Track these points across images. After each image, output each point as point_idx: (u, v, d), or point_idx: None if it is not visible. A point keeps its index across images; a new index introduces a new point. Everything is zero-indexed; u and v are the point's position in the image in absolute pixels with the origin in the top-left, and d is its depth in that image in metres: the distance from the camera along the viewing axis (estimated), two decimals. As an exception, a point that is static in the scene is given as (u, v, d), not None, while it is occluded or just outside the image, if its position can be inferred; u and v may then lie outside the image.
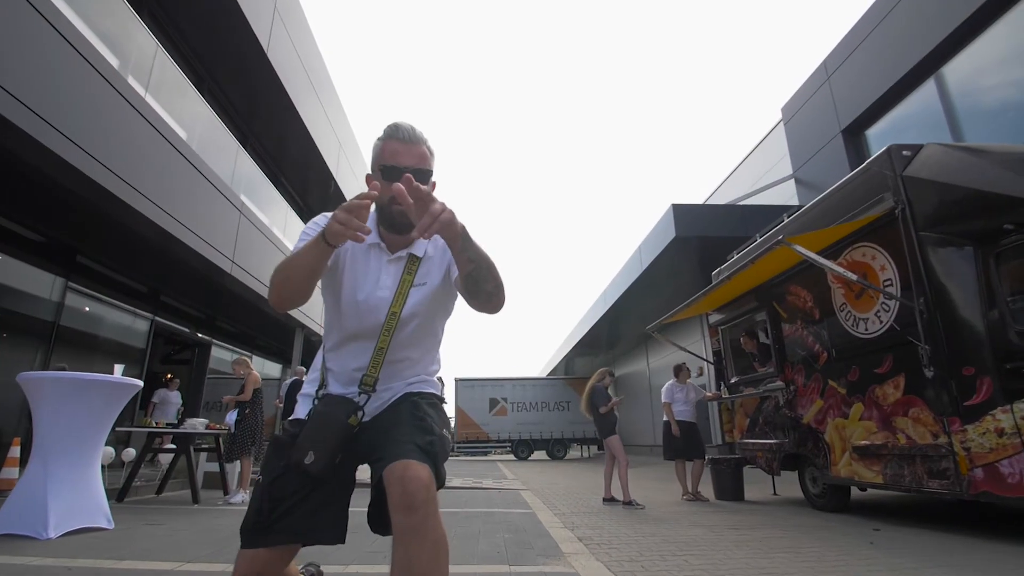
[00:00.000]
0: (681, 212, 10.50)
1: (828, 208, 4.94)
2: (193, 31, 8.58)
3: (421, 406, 1.33)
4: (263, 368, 14.60)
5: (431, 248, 1.42)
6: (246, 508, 1.27)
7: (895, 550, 3.43)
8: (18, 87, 4.42)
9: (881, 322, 4.34)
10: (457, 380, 22.83)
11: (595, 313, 18.15)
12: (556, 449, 22.19)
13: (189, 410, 9.82)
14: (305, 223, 2.62)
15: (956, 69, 7.60)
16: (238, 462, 6.01)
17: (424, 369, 1.47)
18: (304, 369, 9.55)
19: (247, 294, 9.16)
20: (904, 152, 4.23)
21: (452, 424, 24.40)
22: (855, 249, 4.62)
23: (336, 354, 1.41)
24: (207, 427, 6.16)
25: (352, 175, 14.26)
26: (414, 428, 1.25)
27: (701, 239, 10.49)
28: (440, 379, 1.60)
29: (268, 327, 12.37)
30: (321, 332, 12.40)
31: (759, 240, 6.19)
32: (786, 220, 5.66)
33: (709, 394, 6.85)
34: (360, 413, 1.31)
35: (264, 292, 9.20)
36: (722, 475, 6.42)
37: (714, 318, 7.21)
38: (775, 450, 5.78)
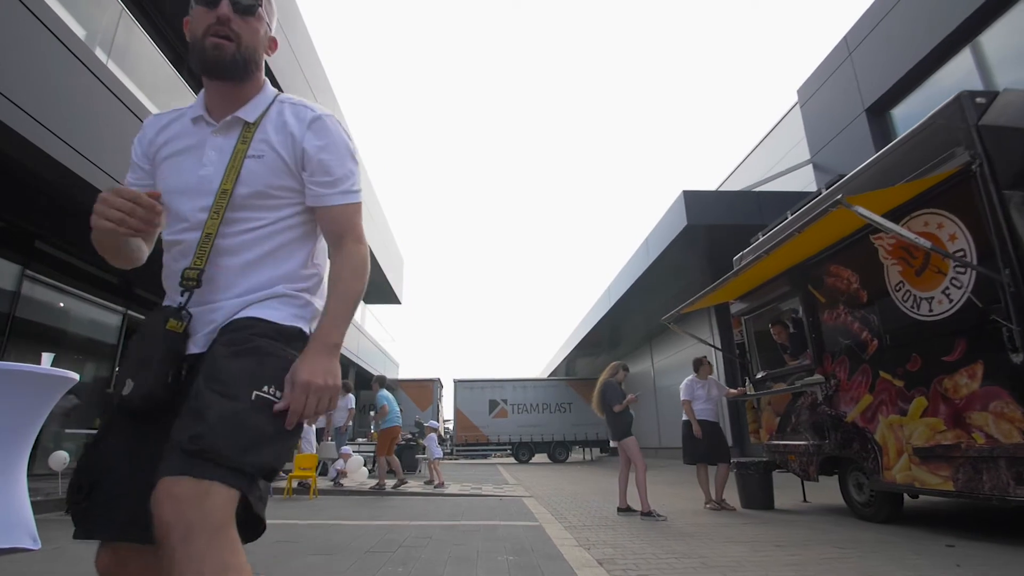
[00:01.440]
0: (693, 199, 9.86)
1: (882, 171, 4.28)
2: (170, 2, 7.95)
3: (216, 363, 0.93)
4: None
5: (272, 128, 1.09)
6: None
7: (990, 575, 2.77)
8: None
9: (951, 301, 3.69)
10: (456, 381, 22.20)
11: (598, 312, 17.52)
12: (558, 452, 21.54)
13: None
14: None
15: (997, 36, 6.97)
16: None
17: (285, 276, 1.08)
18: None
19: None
20: (978, 99, 3.59)
21: (451, 426, 23.76)
22: (915, 218, 3.97)
23: (167, 263, 1.10)
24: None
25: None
26: (185, 418, 0.86)
27: (714, 228, 9.85)
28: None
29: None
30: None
31: (790, 218, 5.54)
32: (824, 192, 5.01)
33: (733, 391, 6.19)
34: (184, 315, 1.00)
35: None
36: (749, 481, 5.75)
37: (736, 307, 6.56)
38: (812, 452, 5.12)
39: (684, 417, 5.90)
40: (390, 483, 7.83)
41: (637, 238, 17.28)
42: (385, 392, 7.92)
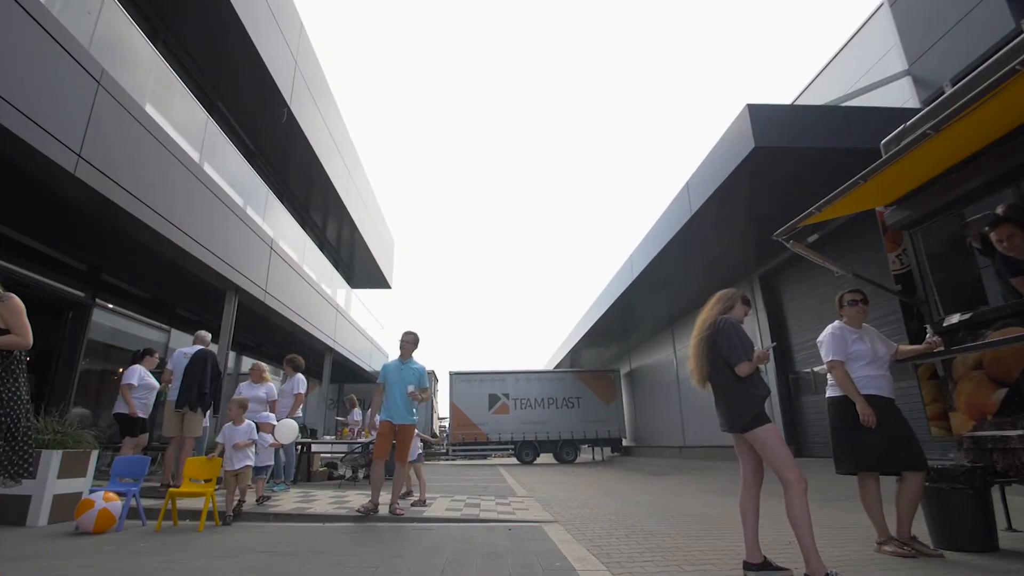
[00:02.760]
0: (760, 115, 7.35)
1: None
2: None
3: None
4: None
5: None
6: None
7: None
8: None
9: None
10: (452, 374, 19.78)
11: (612, 292, 15.06)
12: (565, 452, 19.16)
13: (58, 397, 6.60)
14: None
15: None
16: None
17: None
18: (209, 336, 6.38)
19: (142, 232, 5.81)
20: None
21: (447, 423, 21.28)
22: None
23: None
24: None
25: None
26: None
27: (788, 151, 7.32)
28: None
29: (185, 286, 8.75)
30: (263, 293, 9.21)
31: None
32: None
33: (914, 346, 3.69)
34: None
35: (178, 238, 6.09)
36: (950, 501, 3.29)
37: (895, 217, 4.07)
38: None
39: (829, 392, 3.43)
40: (385, 498, 5.36)
41: (651, 217, 14.77)
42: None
